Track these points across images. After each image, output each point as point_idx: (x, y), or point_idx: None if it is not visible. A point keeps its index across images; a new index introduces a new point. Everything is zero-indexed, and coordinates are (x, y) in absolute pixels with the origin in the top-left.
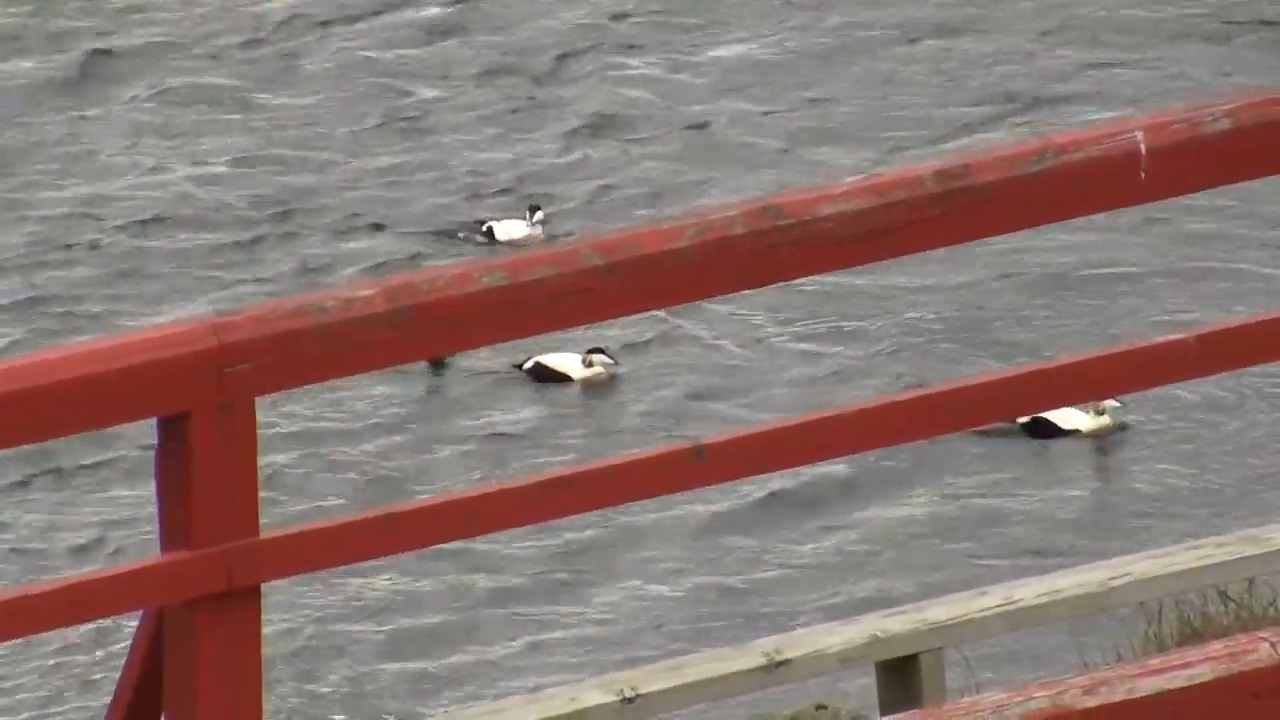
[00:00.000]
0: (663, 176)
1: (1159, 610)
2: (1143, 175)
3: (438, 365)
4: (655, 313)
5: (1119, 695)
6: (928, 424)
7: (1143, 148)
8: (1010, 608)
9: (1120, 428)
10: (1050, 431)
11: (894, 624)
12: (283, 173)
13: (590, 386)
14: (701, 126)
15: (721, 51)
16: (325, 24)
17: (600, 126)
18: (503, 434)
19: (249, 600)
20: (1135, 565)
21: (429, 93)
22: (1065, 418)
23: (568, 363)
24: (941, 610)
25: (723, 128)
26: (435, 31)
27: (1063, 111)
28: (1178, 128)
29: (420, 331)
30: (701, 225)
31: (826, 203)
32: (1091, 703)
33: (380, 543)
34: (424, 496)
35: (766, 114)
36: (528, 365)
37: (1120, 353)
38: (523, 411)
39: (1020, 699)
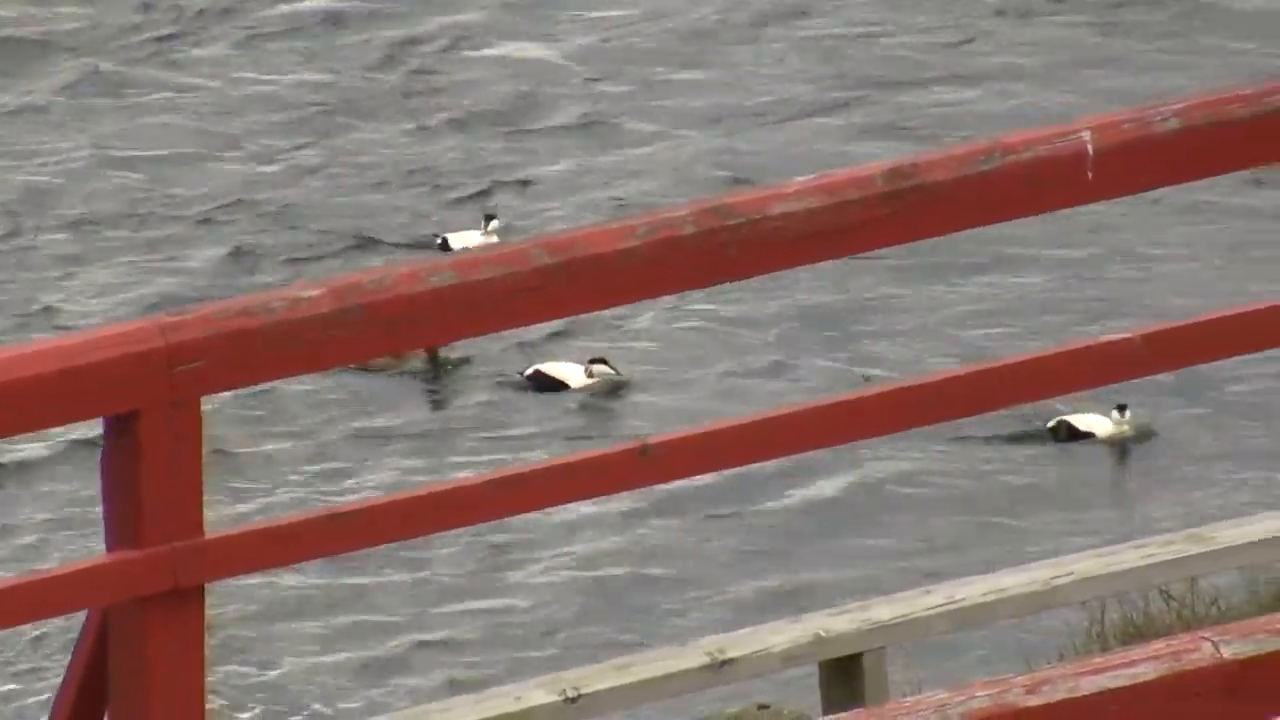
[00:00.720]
0: (562, 165)
1: (1102, 609)
2: (1090, 175)
3: (435, 363)
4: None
5: (1061, 694)
6: (875, 423)
7: (1090, 148)
8: (954, 606)
9: (1146, 434)
10: (1075, 436)
11: (838, 623)
12: (204, 168)
13: (591, 395)
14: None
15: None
16: (231, 12)
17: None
18: (500, 440)
19: (194, 600)
20: (1079, 564)
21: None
22: (1087, 422)
23: (568, 372)
24: (885, 609)
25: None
26: (337, 22)
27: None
28: (1127, 127)
29: (369, 331)
30: (652, 224)
31: (776, 202)
32: (1034, 701)
33: (326, 542)
34: (370, 496)
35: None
36: (528, 373)
37: (1067, 352)
38: (521, 419)
39: (963, 698)
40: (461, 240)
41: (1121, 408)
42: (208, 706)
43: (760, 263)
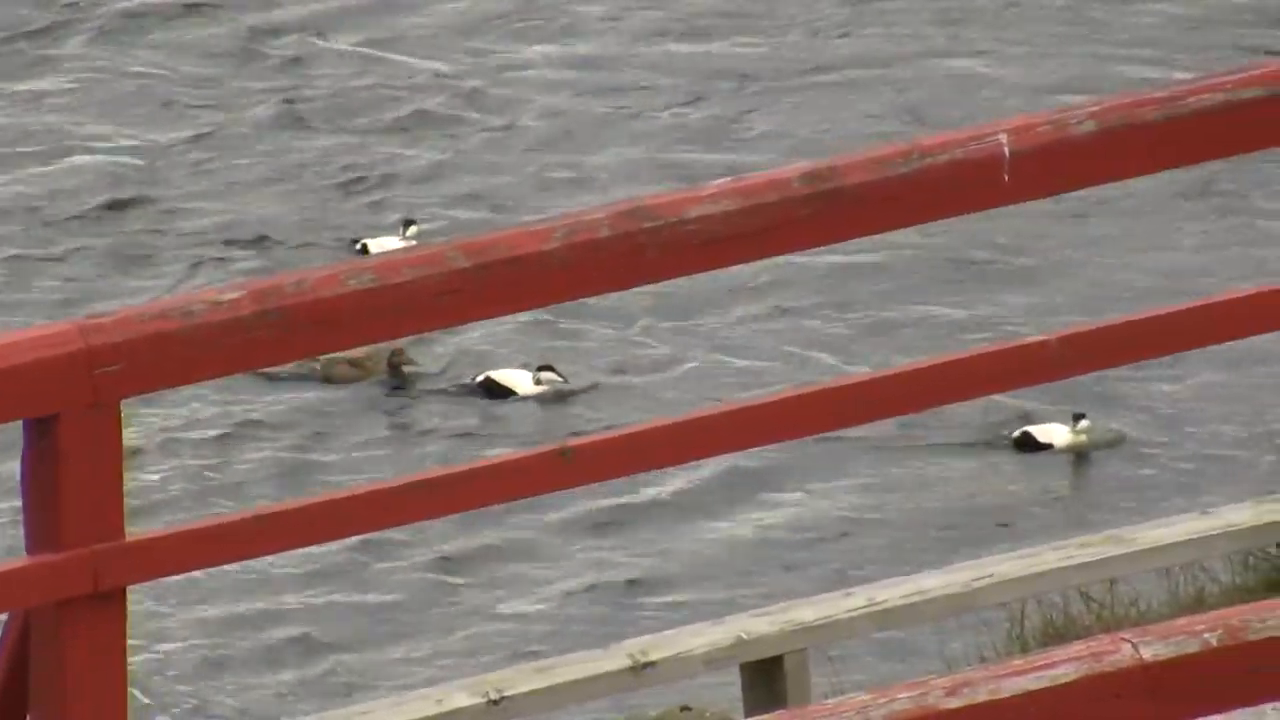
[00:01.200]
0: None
1: (1022, 611)
2: (1007, 178)
3: (398, 376)
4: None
5: (982, 696)
6: (795, 424)
7: (1006, 150)
8: (876, 609)
9: (1110, 443)
10: (1035, 447)
11: (759, 625)
12: (72, 164)
13: (540, 402)
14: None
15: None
16: (91, 5)
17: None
18: (452, 445)
19: (115, 602)
20: (1000, 566)
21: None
22: (1046, 432)
23: (517, 379)
24: (807, 611)
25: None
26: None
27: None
28: (1043, 130)
29: (288, 333)
30: (570, 227)
31: (694, 205)
32: (955, 703)
33: (248, 545)
34: (291, 499)
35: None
36: (479, 380)
37: (987, 354)
38: (470, 425)
39: (884, 700)
40: (379, 245)
41: (1078, 416)
42: (131, 705)
43: (678, 265)
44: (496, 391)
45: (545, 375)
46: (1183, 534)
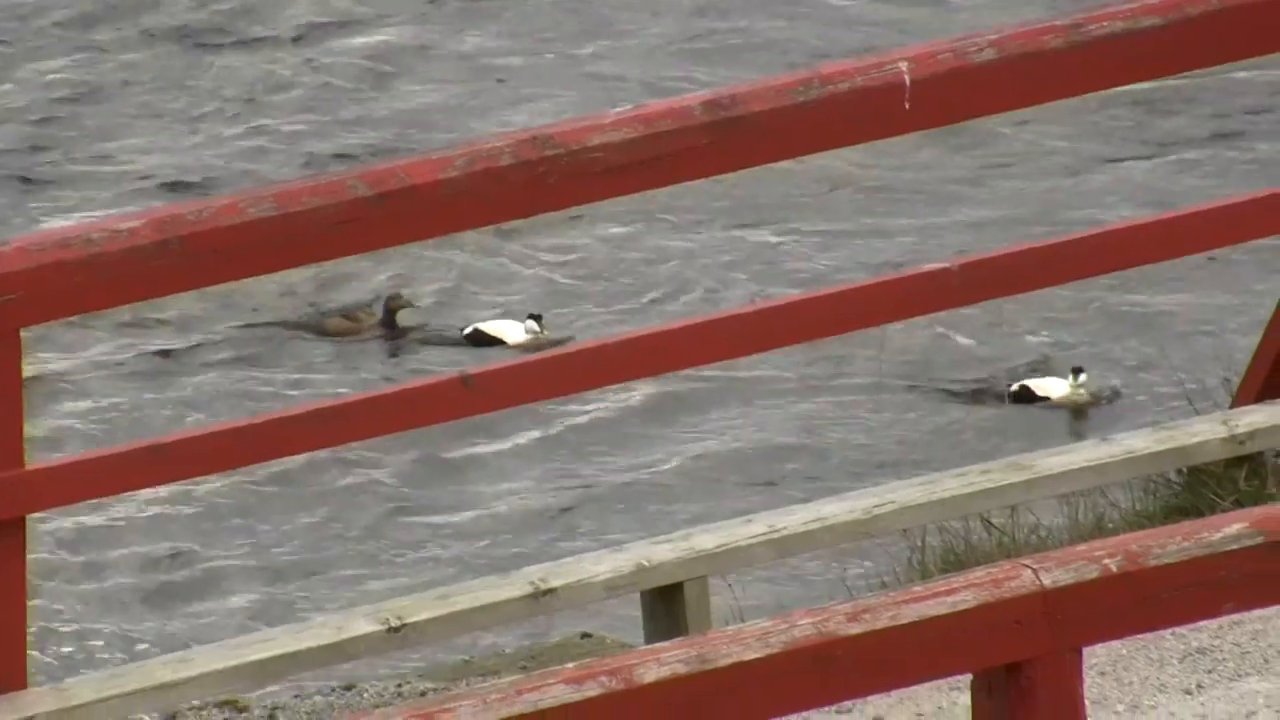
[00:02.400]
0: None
1: (924, 538)
2: (907, 105)
3: (392, 328)
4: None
5: (883, 622)
6: (694, 353)
7: (907, 78)
8: (776, 535)
9: (1107, 398)
10: (1032, 400)
11: (660, 552)
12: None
13: (527, 353)
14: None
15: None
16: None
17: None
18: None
19: (13, 532)
20: (900, 492)
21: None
22: (1044, 386)
23: (506, 329)
24: (708, 538)
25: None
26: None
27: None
28: (943, 58)
29: (189, 262)
30: (470, 155)
31: (595, 133)
32: (856, 629)
33: (147, 474)
34: (192, 427)
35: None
36: (466, 331)
37: (890, 281)
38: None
39: (785, 626)
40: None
41: (1076, 370)
42: (31, 633)
43: (579, 193)
44: (484, 341)
45: (529, 324)
46: (1083, 461)
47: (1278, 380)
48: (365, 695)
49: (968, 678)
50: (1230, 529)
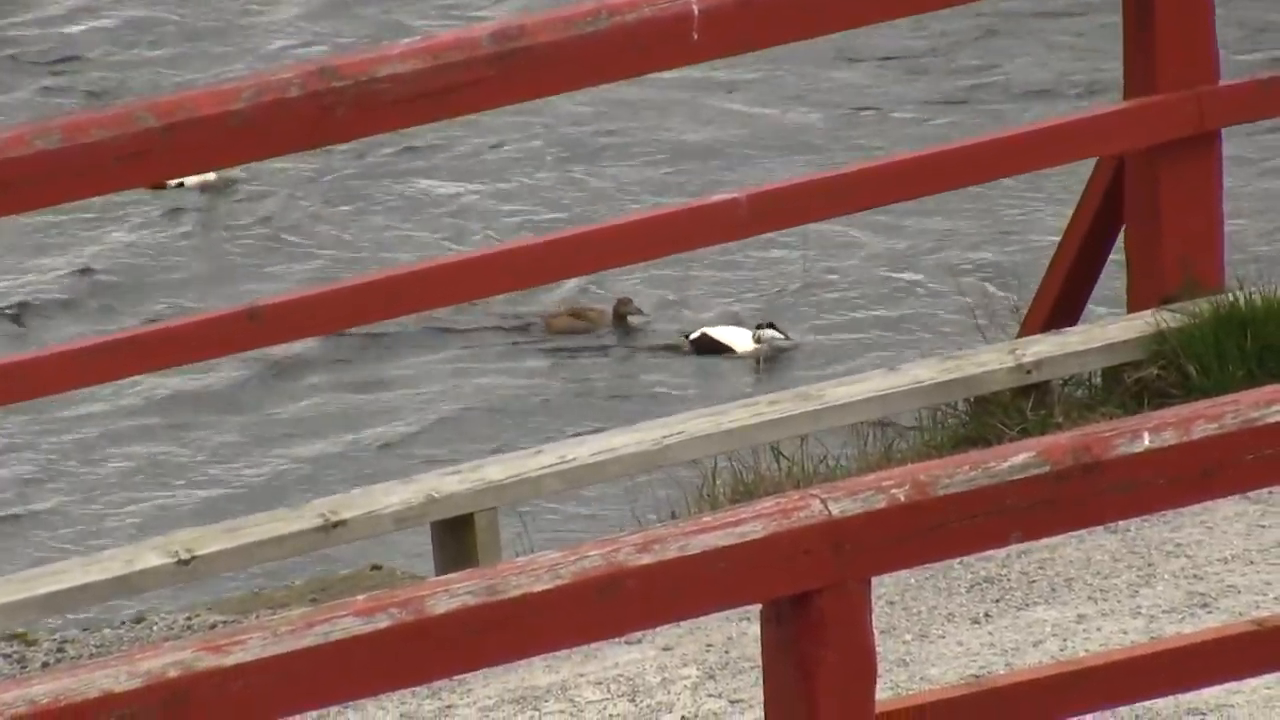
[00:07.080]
0: None
1: (714, 468)
2: (695, 36)
3: (622, 325)
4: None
5: (673, 553)
6: (475, 287)
7: (695, 9)
8: (565, 466)
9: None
10: (715, 349)
11: (449, 483)
12: None
13: (757, 361)
14: None
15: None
16: None
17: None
18: (658, 403)
19: None
20: (689, 423)
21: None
22: (727, 336)
23: (734, 336)
24: (497, 469)
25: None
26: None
27: None
28: None
29: None
30: (258, 87)
31: (383, 64)
32: (646, 560)
33: None
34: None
35: None
36: (693, 337)
37: (676, 212)
38: (683, 382)
39: (575, 557)
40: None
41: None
42: None
43: (368, 124)
44: (711, 349)
45: (765, 333)
46: (870, 390)
47: (1064, 310)
48: (155, 628)
49: (757, 608)
50: (1017, 458)
